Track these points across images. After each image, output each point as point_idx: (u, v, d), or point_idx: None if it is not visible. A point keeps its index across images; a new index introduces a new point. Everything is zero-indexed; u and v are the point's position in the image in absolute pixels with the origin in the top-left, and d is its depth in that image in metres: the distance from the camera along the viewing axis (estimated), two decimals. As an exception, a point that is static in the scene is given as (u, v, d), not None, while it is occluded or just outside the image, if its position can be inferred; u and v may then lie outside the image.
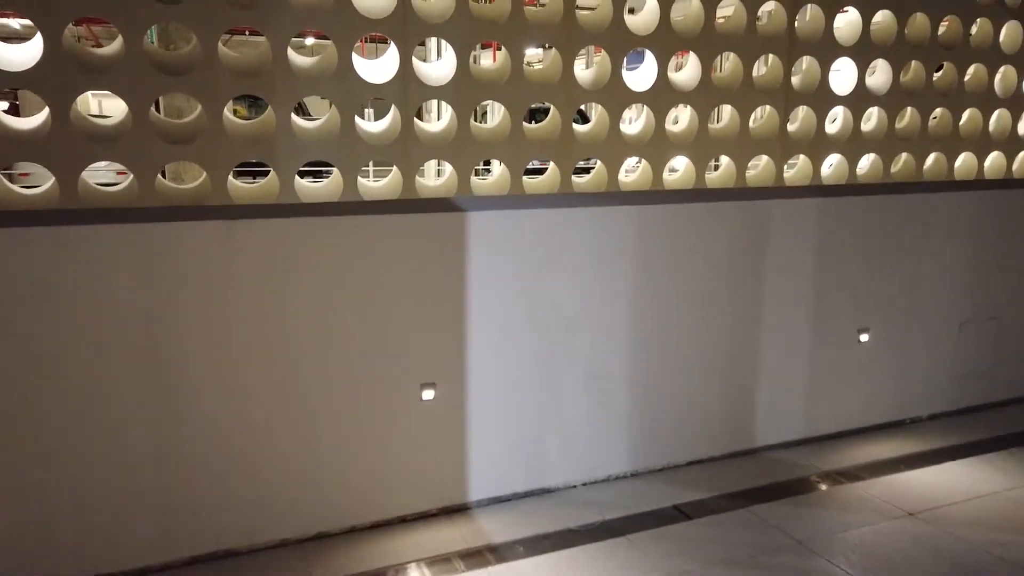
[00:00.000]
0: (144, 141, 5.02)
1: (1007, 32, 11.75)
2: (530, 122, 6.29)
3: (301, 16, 5.39)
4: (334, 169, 5.80)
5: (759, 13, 10.14)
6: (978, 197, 4.95)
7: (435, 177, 8.76)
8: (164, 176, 5.78)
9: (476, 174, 6.36)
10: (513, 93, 6.22)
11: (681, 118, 9.93)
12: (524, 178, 6.53)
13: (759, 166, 10.63)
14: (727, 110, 9.94)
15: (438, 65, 6.44)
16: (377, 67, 5.85)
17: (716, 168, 9.87)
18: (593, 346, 5.48)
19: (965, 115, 11.76)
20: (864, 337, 4.87)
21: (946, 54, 11.50)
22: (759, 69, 10.82)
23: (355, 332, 5.16)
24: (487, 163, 9.60)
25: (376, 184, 6.29)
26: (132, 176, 5.11)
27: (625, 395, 5.74)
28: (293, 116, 5.62)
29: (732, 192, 4.50)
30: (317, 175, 17.20)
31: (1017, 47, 11.99)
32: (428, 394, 5.11)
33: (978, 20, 11.54)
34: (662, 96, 8.48)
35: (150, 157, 5.06)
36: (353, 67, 5.61)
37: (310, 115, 19.32)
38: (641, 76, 7.81)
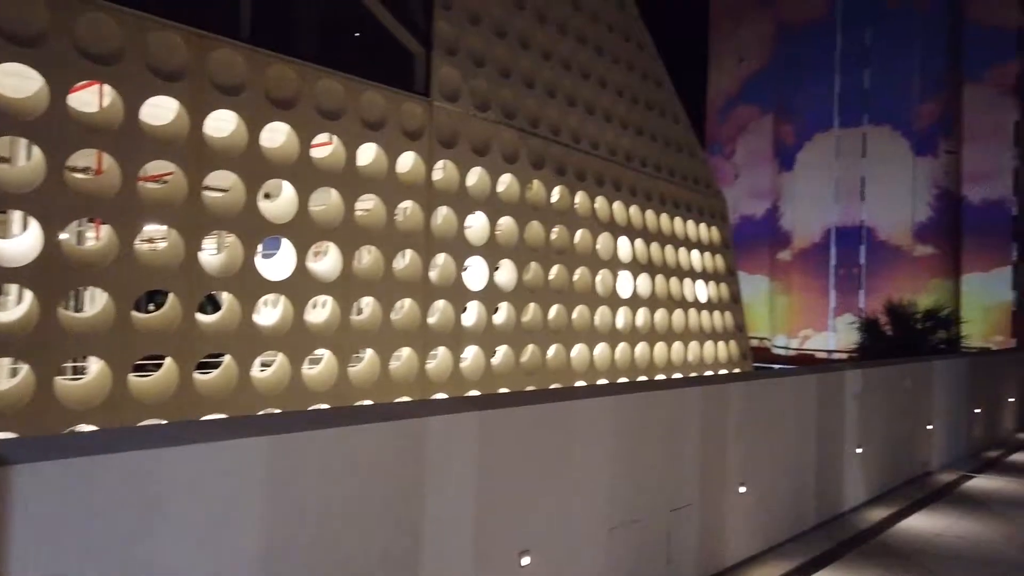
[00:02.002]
0: None
1: (602, 241, 13.87)
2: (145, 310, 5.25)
3: None
4: None
5: (396, 209, 10.54)
6: (616, 402, 5.28)
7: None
8: None
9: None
10: (121, 276, 5.16)
11: (321, 310, 9.48)
12: (131, 377, 5.35)
13: (402, 358, 10.61)
14: (369, 302, 9.85)
15: (18, 241, 5.18)
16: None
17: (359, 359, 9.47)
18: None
19: (575, 311, 13.35)
20: (525, 560, 4.53)
21: (558, 257, 13.12)
22: (398, 263, 11.15)
23: None
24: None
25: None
26: None
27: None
28: None
29: (385, 409, 4.06)
30: None
31: (611, 255, 14.19)
32: None
33: (579, 231, 13.47)
34: (300, 286, 7.93)
35: None
36: None
37: None
38: (278, 264, 7.21)
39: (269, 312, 9.49)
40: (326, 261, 9.38)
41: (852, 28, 50.68)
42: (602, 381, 13.21)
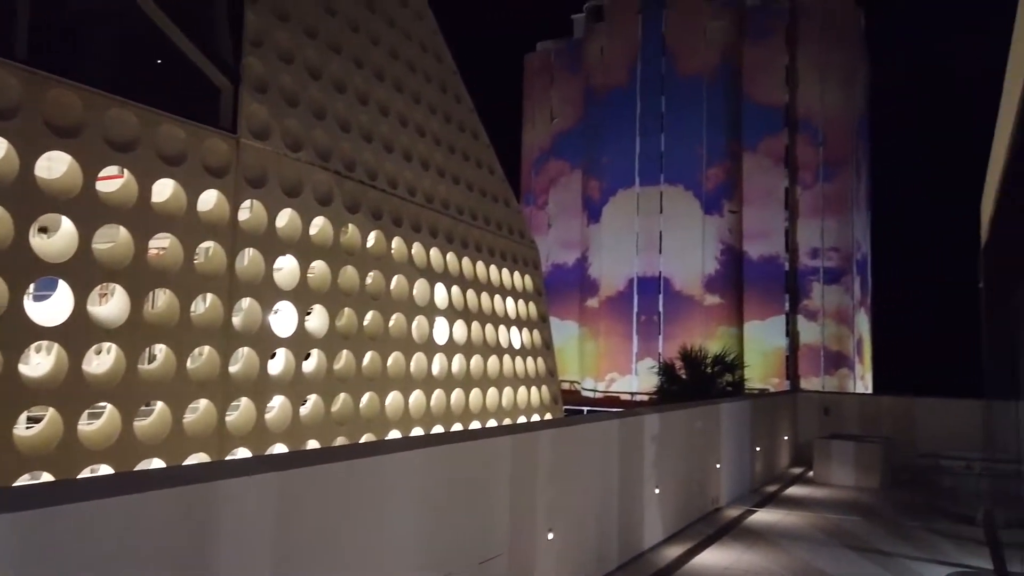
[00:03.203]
0: None
1: (418, 287, 13.81)
2: None
3: None
4: None
5: (197, 250, 9.84)
6: (425, 455, 5.11)
7: None
8: None
9: None
10: None
11: (104, 358, 8.60)
12: None
13: (198, 410, 9.79)
14: (161, 349, 9.03)
15: None
16: None
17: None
18: None
19: (391, 358, 13.11)
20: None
21: (373, 302, 12.86)
22: (197, 307, 10.35)
23: None
24: None
25: None
26: None
27: None
28: None
29: (167, 474, 3.59)
30: None
31: (427, 301, 14.16)
32: None
33: (396, 276, 13.33)
34: (79, 331, 7.14)
35: None
36: None
37: None
38: (52, 307, 6.45)
39: (40, 360, 8.43)
40: (111, 304, 8.52)
41: (650, 96, 55.36)
42: (417, 429, 13.02)
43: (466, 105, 17.25)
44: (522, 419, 16.76)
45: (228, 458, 9.40)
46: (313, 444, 10.67)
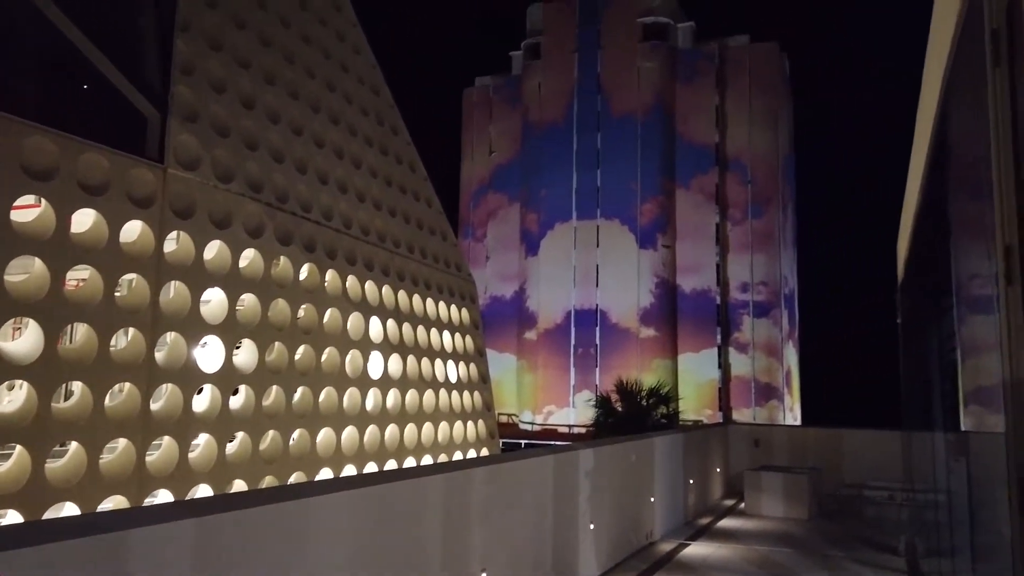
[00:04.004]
0: None
1: (352, 321, 13.58)
2: None
3: None
4: None
5: (119, 282, 9.47)
6: (355, 496, 4.94)
7: None
8: None
9: None
10: None
11: (15, 395, 8.16)
12: None
13: (116, 450, 9.33)
14: (78, 387, 8.62)
15: None
16: None
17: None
18: None
19: (323, 393, 12.81)
20: None
21: (305, 336, 12.58)
22: (118, 342, 9.92)
23: None
24: None
25: None
26: None
27: None
28: None
29: (80, 523, 3.37)
30: None
31: (361, 334, 13.93)
32: None
33: (329, 310, 13.09)
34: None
35: None
36: None
37: None
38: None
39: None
40: (24, 339, 8.11)
41: (586, 132, 56.53)
42: (349, 467, 12.71)
43: (403, 138, 17.25)
44: (458, 455, 16.56)
45: (147, 501, 8.98)
46: (240, 484, 10.30)
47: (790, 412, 54.85)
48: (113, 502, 8.58)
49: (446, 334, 17.24)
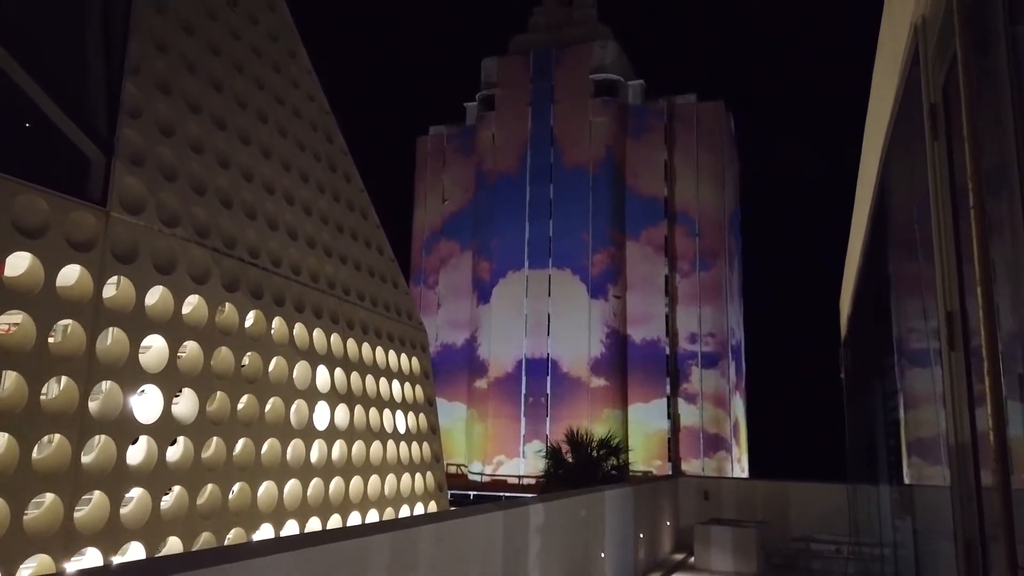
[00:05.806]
0: None
1: (299, 370, 13.27)
2: None
3: None
4: None
5: (54, 328, 9.08)
6: (291, 559, 4.73)
7: None
8: None
9: None
10: None
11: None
12: None
13: (43, 505, 8.83)
14: (3, 438, 8.15)
15: None
16: None
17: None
18: None
19: (266, 445, 12.41)
20: None
21: (249, 386, 12.22)
22: (50, 390, 9.46)
23: None
24: None
25: None
26: None
27: None
28: None
29: None
30: None
31: (308, 384, 13.60)
32: None
33: (275, 358, 12.77)
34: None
35: None
36: None
37: None
38: None
39: None
40: (-54, 388, 7.68)
41: (538, 183, 57.39)
42: (291, 522, 12.25)
43: (356, 184, 17.18)
44: (405, 508, 16.16)
45: (74, 560, 8.48)
46: (174, 542, 9.82)
47: (738, 463, 55.30)
48: (36, 562, 8.08)
49: (395, 383, 16.96)
